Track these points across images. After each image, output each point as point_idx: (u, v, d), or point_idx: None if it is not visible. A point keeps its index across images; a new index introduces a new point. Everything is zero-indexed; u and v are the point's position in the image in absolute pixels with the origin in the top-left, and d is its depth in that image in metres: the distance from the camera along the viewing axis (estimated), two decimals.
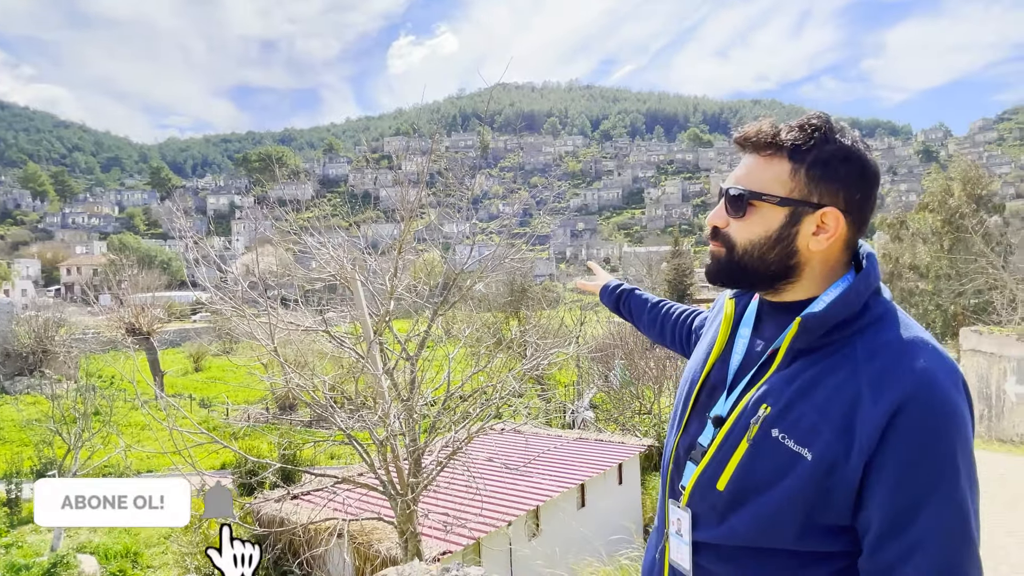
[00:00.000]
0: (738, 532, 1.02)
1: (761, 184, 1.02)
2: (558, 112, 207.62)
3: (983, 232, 25.93)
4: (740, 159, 1.08)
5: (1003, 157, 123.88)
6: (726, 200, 1.06)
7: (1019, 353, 11.67)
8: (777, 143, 1.01)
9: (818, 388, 0.97)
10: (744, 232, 1.05)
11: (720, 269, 1.09)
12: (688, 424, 1.15)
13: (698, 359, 1.21)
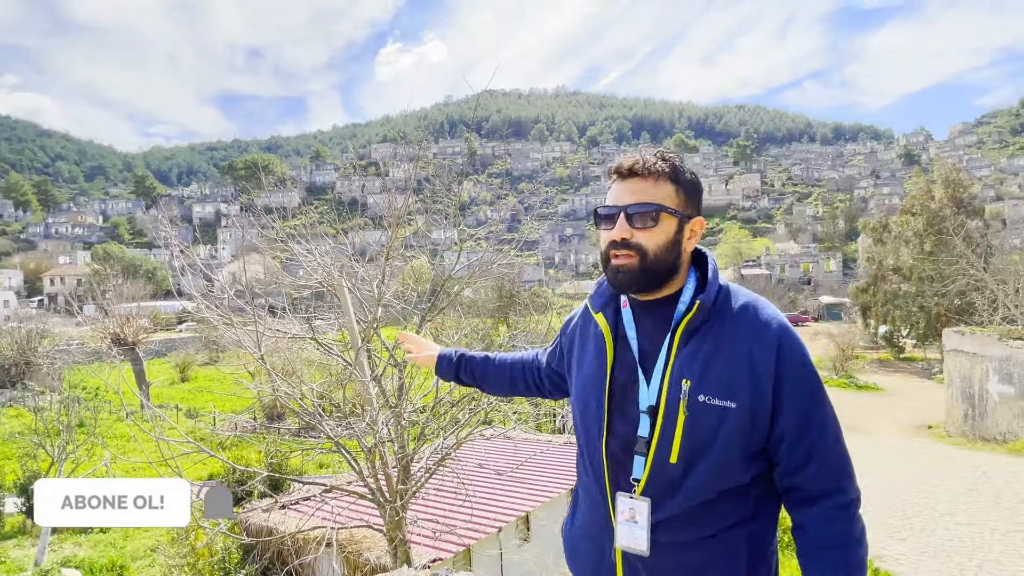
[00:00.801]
0: (696, 490, 1.24)
1: (661, 200, 1.29)
2: (545, 118, 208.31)
3: (964, 234, 26.34)
4: (620, 184, 1.33)
5: (983, 160, 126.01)
6: (634, 215, 1.29)
7: (1000, 353, 11.85)
8: (660, 170, 1.30)
9: (719, 353, 1.25)
10: (653, 240, 1.29)
11: (636, 275, 1.30)
12: (611, 425, 1.33)
13: (594, 370, 1.38)
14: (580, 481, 1.48)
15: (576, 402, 1.44)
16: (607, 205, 1.34)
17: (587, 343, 1.44)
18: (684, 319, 1.28)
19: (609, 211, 1.32)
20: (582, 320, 1.50)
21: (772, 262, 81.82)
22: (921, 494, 7.23)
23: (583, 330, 1.48)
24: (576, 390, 1.44)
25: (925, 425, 15.80)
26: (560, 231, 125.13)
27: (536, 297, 29.93)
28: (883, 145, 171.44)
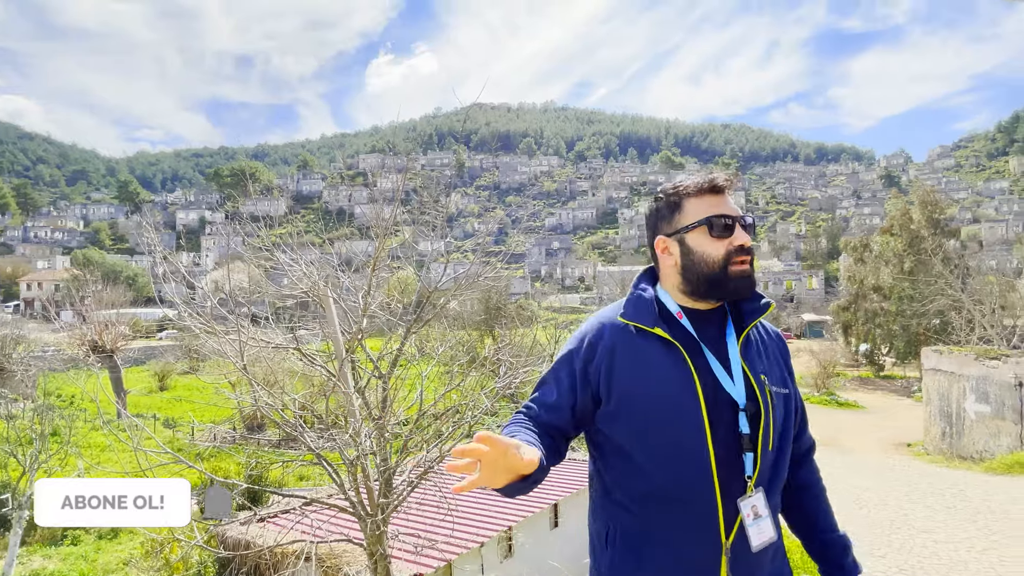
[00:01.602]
0: (783, 470, 1.44)
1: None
2: (534, 132, 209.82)
3: (942, 255, 26.87)
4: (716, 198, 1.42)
5: (960, 183, 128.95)
6: (747, 225, 1.42)
7: (977, 372, 12.05)
8: (732, 188, 1.45)
9: (766, 350, 1.49)
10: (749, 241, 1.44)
11: (752, 279, 1.43)
12: (714, 433, 1.33)
13: (677, 383, 1.35)
14: (643, 518, 1.36)
15: (646, 422, 1.34)
16: (726, 215, 1.40)
17: (647, 359, 1.37)
18: (753, 323, 1.46)
19: (730, 220, 1.40)
20: (622, 339, 1.40)
21: (757, 279, 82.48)
22: (900, 512, 7.30)
23: (631, 348, 1.39)
24: (645, 410, 1.35)
25: (904, 443, 15.98)
26: (547, 245, 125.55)
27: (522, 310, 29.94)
28: (864, 166, 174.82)
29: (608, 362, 1.39)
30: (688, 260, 1.41)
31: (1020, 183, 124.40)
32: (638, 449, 1.35)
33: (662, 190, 1.48)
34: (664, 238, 1.46)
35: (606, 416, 1.39)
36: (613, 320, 1.44)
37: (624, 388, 1.36)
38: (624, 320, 1.42)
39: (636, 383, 1.36)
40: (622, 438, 1.37)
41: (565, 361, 1.46)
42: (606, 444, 1.42)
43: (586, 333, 1.46)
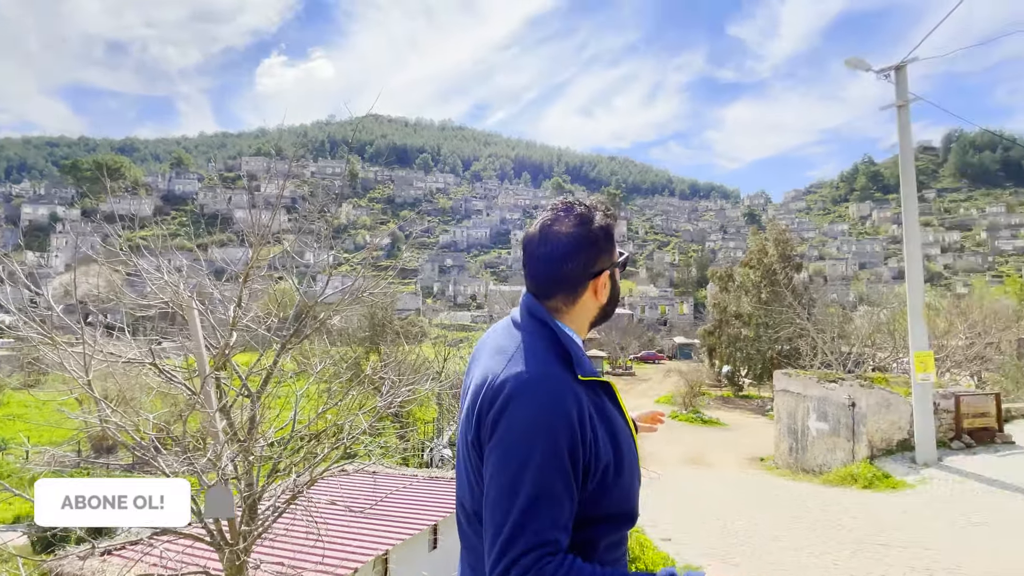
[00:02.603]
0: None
1: None
2: (431, 149, 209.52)
3: (792, 288, 30.09)
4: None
5: (809, 224, 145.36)
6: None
7: (819, 393, 13.51)
8: None
9: None
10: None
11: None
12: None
13: (629, 437, 1.28)
14: (592, 558, 1.20)
15: (623, 482, 1.23)
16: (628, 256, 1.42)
17: (610, 414, 1.25)
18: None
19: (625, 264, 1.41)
20: (589, 401, 1.20)
21: (634, 303, 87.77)
22: (752, 521, 7.97)
23: (597, 408, 1.22)
24: (619, 463, 1.22)
25: (758, 457, 17.51)
26: (440, 261, 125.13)
27: (411, 327, 29.50)
28: (731, 204, 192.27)
29: (593, 432, 1.18)
30: (614, 293, 1.36)
31: (858, 227, 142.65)
32: (614, 499, 1.23)
33: (606, 212, 1.32)
34: (606, 274, 1.32)
35: (593, 492, 1.19)
36: (569, 379, 1.20)
37: (608, 455, 1.20)
38: (584, 377, 1.22)
39: (613, 446, 1.22)
40: (607, 503, 1.22)
41: (558, 453, 1.12)
42: (587, 514, 1.20)
43: (560, 404, 1.15)
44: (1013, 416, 13.76)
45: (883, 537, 6.73)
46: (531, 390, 1.15)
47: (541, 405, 1.14)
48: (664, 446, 18.63)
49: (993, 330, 24.29)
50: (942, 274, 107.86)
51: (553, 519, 1.09)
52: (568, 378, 1.20)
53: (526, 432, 1.12)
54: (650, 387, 38.20)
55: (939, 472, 9.48)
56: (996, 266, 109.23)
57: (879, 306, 31.83)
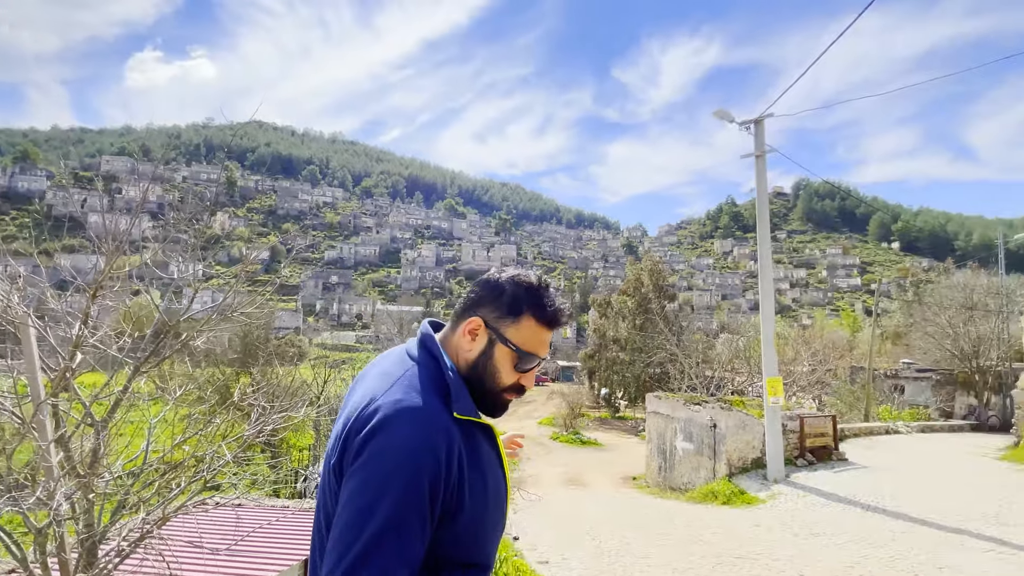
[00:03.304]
0: None
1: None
2: (319, 161, 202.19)
3: (664, 315, 32.28)
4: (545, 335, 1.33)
5: (680, 257, 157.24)
6: (538, 370, 1.40)
7: (685, 415, 14.48)
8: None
9: None
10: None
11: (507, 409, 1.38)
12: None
13: (501, 479, 1.30)
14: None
15: (488, 520, 1.24)
16: (535, 355, 1.31)
17: (484, 455, 1.25)
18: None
19: (534, 364, 1.33)
20: (462, 439, 1.19)
21: None
22: (624, 540, 8.31)
23: (471, 448, 1.22)
24: (489, 508, 1.24)
25: (631, 477, 18.36)
26: (324, 278, 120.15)
27: (289, 346, 27.91)
28: (612, 234, 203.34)
29: (460, 472, 1.17)
30: (483, 360, 1.29)
31: (721, 261, 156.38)
32: (476, 551, 1.22)
33: (514, 284, 1.30)
34: (482, 324, 1.29)
35: (445, 534, 1.17)
36: (443, 415, 1.18)
37: (476, 496, 1.20)
38: (460, 416, 1.21)
39: (481, 487, 1.21)
40: (463, 546, 1.20)
41: (416, 489, 1.09)
42: (437, 556, 1.19)
43: (426, 440, 1.12)
44: (846, 435, 15.59)
45: (740, 551, 7.29)
46: (402, 419, 1.13)
47: (409, 436, 1.11)
48: (545, 468, 19.00)
49: (831, 358, 27.48)
50: (791, 307, 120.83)
51: (400, 554, 1.06)
52: (444, 414, 1.18)
53: (389, 461, 1.09)
54: (534, 409, 38.93)
55: (786, 488, 10.47)
56: (834, 301, 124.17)
57: (738, 334, 34.89)
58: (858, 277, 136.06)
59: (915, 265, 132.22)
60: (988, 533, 7.18)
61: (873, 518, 8.22)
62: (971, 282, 27.70)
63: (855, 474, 11.20)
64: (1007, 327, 21.82)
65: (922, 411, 22.52)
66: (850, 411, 23.66)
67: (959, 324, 23.93)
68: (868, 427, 17.73)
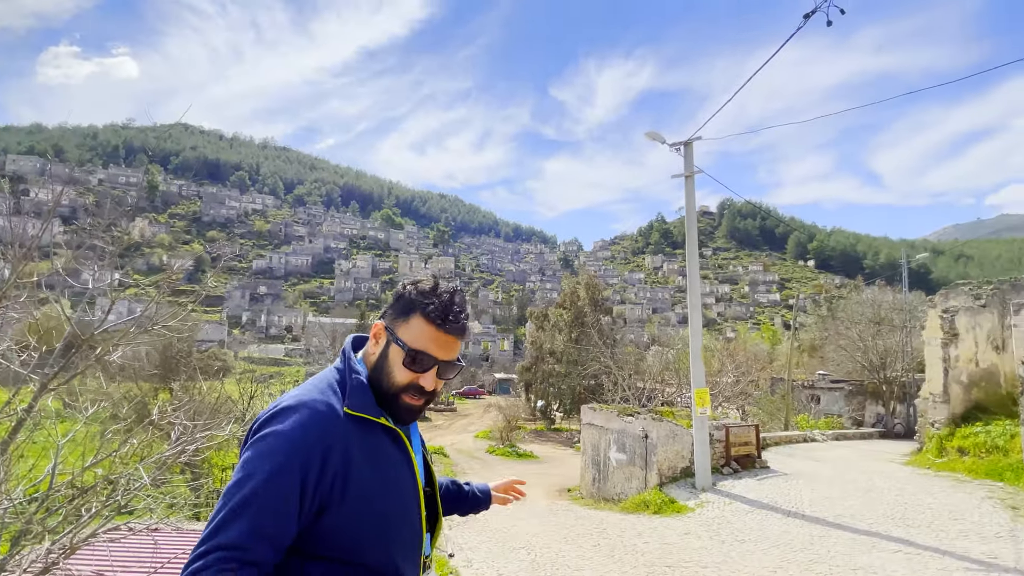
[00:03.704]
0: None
1: (458, 357, 1.41)
2: (249, 166, 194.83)
3: (599, 328, 32.95)
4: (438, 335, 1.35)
5: (613, 271, 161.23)
6: (448, 371, 1.38)
7: (618, 426, 14.78)
8: (464, 331, 1.40)
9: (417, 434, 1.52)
10: (440, 387, 1.43)
11: (419, 411, 1.40)
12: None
13: (403, 478, 1.35)
14: None
15: (380, 524, 1.26)
16: (424, 353, 1.33)
17: (379, 455, 1.30)
18: (426, 406, 1.48)
19: (427, 363, 1.34)
20: (354, 434, 1.26)
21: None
22: (559, 553, 8.37)
23: (363, 444, 1.27)
24: (380, 512, 1.27)
25: (566, 489, 18.54)
26: (252, 288, 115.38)
27: (213, 360, 26.54)
28: (549, 248, 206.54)
29: (343, 465, 1.22)
30: (381, 361, 1.36)
31: (652, 276, 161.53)
32: (363, 550, 1.25)
33: (411, 287, 1.39)
34: (383, 327, 1.39)
35: (329, 527, 1.22)
36: (336, 411, 1.27)
37: (360, 492, 1.24)
38: (351, 411, 1.28)
39: (372, 484, 1.26)
40: (345, 543, 1.23)
41: (286, 472, 1.17)
42: (316, 549, 1.23)
43: (313, 431, 1.21)
44: (768, 444, 16.35)
45: (670, 559, 7.48)
46: (291, 410, 1.23)
47: (292, 424, 1.21)
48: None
49: (753, 370, 28.82)
50: (716, 320, 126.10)
51: (255, 528, 1.12)
52: (335, 410, 1.27)
53: (268, 445, 1.19)
54: (470, 422, 38.73)
55: (714, 496, 10.86)
56: (756, 315, 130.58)
57: (668, 347, 36.05)
58: (777, 293, 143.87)
59: (828, 282, 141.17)
60: (896, 534, 7.70)
61: (793, 523, 8.65)
62: (878, 298, 29.87)
63: (776, 481, 11.76)
64: (910, 340, 23.61)
65: (836, 420, 23.97)
66: (771, 420, 24.85)
67: (868, 337, 25.71)
68: (788, 436, 18.68)
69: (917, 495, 9.93)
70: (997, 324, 14.30)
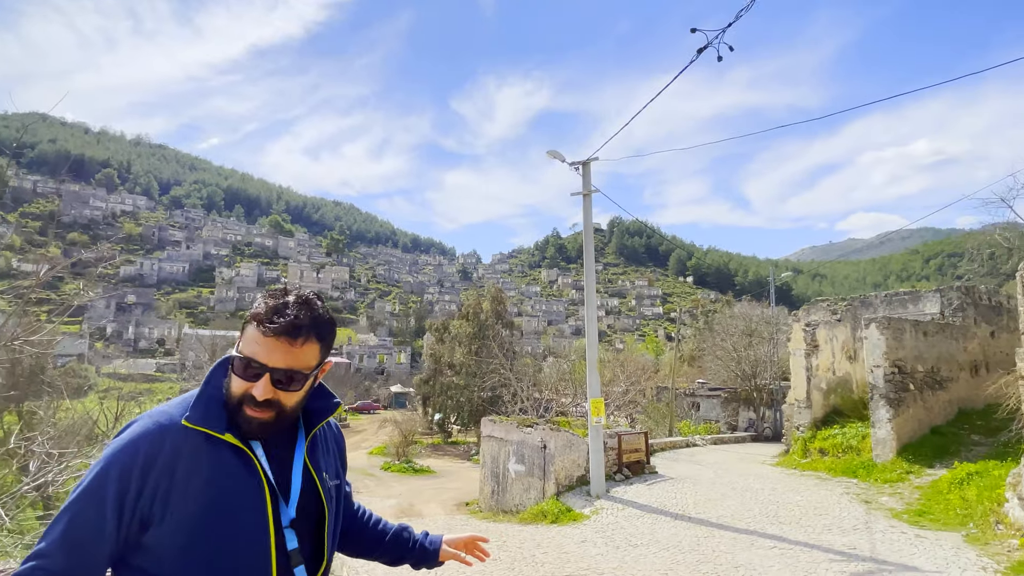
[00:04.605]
0: (332, 554, 1.44)
1: (308, 364, 1.31)
2: (118, 164, 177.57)
3: (500, 340, 33.28)
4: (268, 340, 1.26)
5: (511, 284, 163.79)
6: (281, 379, 1.27)
7: (518, 437, 14.95)
8: (310, 333, 1.29)
9: (326, 445, 1.50)
10: (294, 399, 1.32)
11: (270, 426, 1.29)
12: (277, 548, 1.27)
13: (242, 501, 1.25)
14: None
15: (209, 547, 1.20)
16: (250, 359, 1.25)
17: (216, 473, 1.24)
18: (321, 423, 1.44)
19: (255, 370, 1.26)
20: (187, 448, 1.23)
21: (353, 352, 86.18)
22: (457, 568, 8.28)
23: (197, 459, 1.23)
24: (209, 535, 1.20)
25: (464, 502, 18.44)
26: (120, 297, 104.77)
27: (72, 376, 23.72)
28: (448, 260, 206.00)
29: (168, 479, 1.20)
30: (228, 375, 1.32)
31: (547, 289, 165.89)
32: (187, 573, 1.20)
33: (260, 296, 1.36)
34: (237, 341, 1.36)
35: (154, 544, 1.19)
36: (175, 423, 1.24)
37: (187, 510, 1.19)
38: (189, 424, 1.24)
39: (202, 503, 1.21)
40: (167, 563, 1.19)
41: (104, 484, 1.17)
42: (141, 565, 1.21)
43: (139, 443, 1.20)
44: (655, 450, 17.23)
45: (568, 568, 7.65)
46: (129, 427, 1.25)
47: (121, 440, 1.22)
48: (376, 501, 18.35)
49: (641, 379, 30.38)
50: (606, 332, 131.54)
51: (64, 536, 1.15)
52: (172, 420, 1.25)
53: (99, 461, 1.20)
54: (364, 438, 37.48)
55: (607, 502, 11.26)
56: (641, 328, 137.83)
57: (563, 358, 37.06)
58: (660, 306, 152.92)
59: (705, 297, 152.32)
60: (770, 531, 8.38)
61: (681, 526, 9.16)
62: (748, 312, 32.61)
63: (664, 486, 12.42)
64: (777, 351, 25.97)
65: (713, 425, 25.78)
66: (657, 427, 26.26)
67: (741, 348, 27.97)
68: (672, 441, 19.83)
69: (786, 494, 10.88)
70: (850, 336, 16.10)
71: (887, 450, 12.26)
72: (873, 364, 12.79)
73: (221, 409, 1.28)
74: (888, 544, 7.45)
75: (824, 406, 15.78)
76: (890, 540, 7.61)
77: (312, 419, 1.43)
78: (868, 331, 13.10)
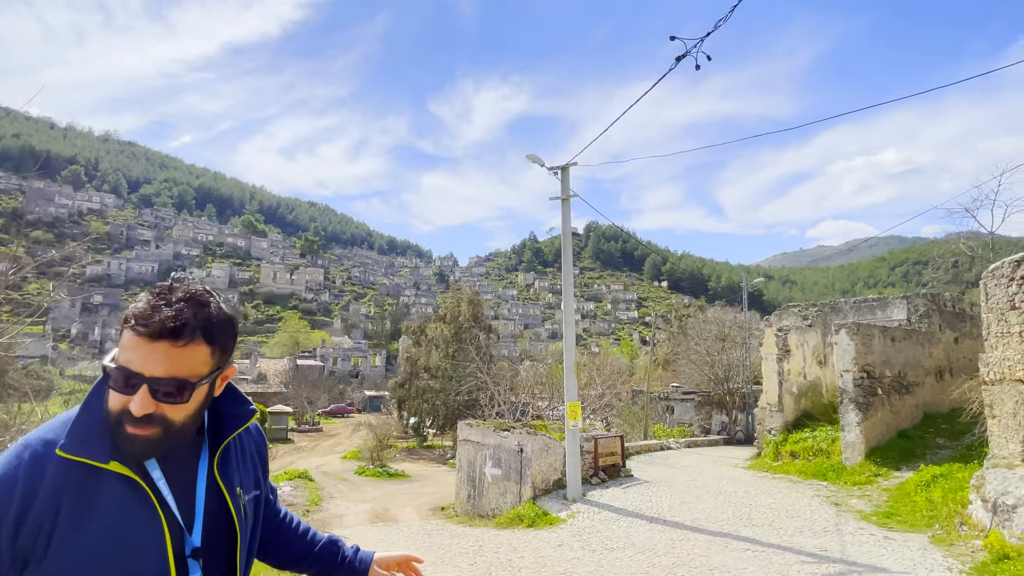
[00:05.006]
0: (248, 569, 1.36)
1: (195, 371, 1.13)
2: (85, 161, 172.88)
3: (477, 344, 33.19)
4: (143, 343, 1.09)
5: (488, 287, 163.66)
6: (160, 391, 1.10)
7: (494, 441, 14.91)
8: (193, 333, 1.12)
9: (242, 455, 1.37)
10: (182, 412, 1.14)
11: (157, 444, 1.13)
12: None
13: (135, 537, 1.11)
14: None
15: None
16: (123, 367, 1.09)
17: (101, 506, 1.10)
18: (235, 433, 1.32)
19: (127, 379, 1.09)
20: (69, 479, 1.09)
21: (327, 354, 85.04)
22: (434, 574, 8.20)
23: (81, 492, 1.09)
24: (82, 567, 1.08)
25: (440, 507, 18.29)
26: (87, 298, 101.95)
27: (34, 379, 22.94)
28: (424, 263, 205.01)
29: (52, 515, 1.07)
30: (106, 393, 1.16)
31: (524, 293, 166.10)
32: None
33: (142, 296, 1.18)
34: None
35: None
36: (47, 457, 1.10)
37: (72, 551, 1.07)
38: (63, 454, 1.09)
39: (89, 542, 1.08)
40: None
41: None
42: None
43: (16, 473, 1.07)
44: (631, 453, 17.34)
45: (544, 572, 7.63)
46: (6, 455, 1.12)
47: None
48: (350, 506, 18.09)
49: (617, 383, 30.55)
50: (582, 336, 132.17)
51: None
52: (49, 452, 1.10)
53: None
54: (337, 443, 36.97)
55: (584, 506, 11.28)
56: (617, 331, 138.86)
57: (540, 361, 37.09)
58: (636, 310, 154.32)
59: (679, 301, 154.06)
60: (744, 534, 8.48)
61: (656, 529, 9.22)
62: (721, 317, 33.09)
63: (640, 489, 12.49)
64: (749, 355, 26.37)
65: (687, 428, 26.07)
66: (632, 430, 26.44)
67: (714, 353, 28.34)
68: (647, 444, 19.97)
69: (759, 496, 11.03)
70: (821, 341, 16.42)
71: (856, 453, 12.52)
72: (843, 369, 13.06)
73: (103, 433, 1.12)
74: (858, 546, 7.59)
75: (795, 410, 16.06)
76: (860, 542, 7.76)
77: (225, 429, 1.30)
78: (838, 336, 13.38)
